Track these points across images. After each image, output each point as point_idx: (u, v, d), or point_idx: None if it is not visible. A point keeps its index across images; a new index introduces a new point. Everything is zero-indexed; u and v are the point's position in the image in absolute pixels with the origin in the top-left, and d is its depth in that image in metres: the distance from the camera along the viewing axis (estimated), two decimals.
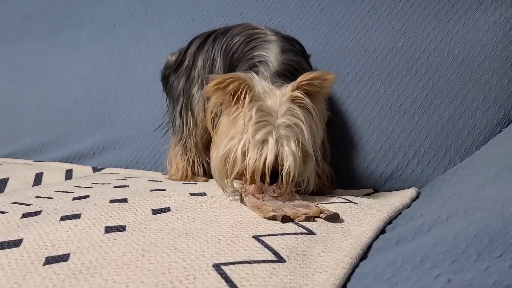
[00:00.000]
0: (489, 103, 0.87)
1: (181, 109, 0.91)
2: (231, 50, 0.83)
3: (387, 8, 0.97)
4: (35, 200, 0.64)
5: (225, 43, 0.85)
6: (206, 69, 0.87)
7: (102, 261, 0.43)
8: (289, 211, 0.58)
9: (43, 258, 0.44)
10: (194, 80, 0.89)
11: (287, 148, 0.63)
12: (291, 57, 0.79)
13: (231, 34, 0.85)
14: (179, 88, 0.91)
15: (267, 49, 0.78)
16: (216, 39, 0.87)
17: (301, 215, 0.56)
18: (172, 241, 0.47)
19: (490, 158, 0.67)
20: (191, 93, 0.90)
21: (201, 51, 0.89)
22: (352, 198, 0.69)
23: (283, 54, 0.78)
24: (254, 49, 0.79)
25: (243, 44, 0.82)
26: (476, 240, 0.35)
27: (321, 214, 0.57)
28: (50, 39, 1.29)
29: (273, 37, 0.82)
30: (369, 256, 0.45)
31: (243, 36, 0.83)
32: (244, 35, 0.83)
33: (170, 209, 0.58)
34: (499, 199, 0.40)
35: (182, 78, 0.91)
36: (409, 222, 0.51)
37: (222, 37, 0.86)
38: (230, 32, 0.86)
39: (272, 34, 0.82)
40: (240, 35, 0.84)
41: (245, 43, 0.82)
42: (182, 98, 0.91)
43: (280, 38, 0.82)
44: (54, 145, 1.17)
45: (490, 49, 0.89)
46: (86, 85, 1.19)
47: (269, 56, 0.77)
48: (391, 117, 0.91)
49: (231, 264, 0.42)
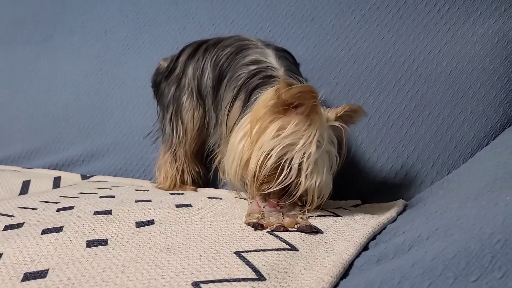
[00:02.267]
0: (477, 116, 0.87)
1: (171, 117, 0.90)
2: (221, 60, 0.83)
3: (377, 19, 0.97)
4: (19, 211, 0.63)
5: (216, 54, 0.84)
6: (195, 78, 0.87)
7: (81, 277, 0.42)
8: (270, 220, 0.60)
9: (22, 274, 0.43)
10: (184, 88, 0.89)
11: (328, 176, 0.65)
12: (289, 64, 0.79)
13: (222, 46, 0.85)
14: (169, 96, 0.91)
15: (267, 55, 0.78)
16: (207, 50, 0.87)
17: (273, 224, 0.58)
18: (153, 256, 0.47)
19: (476, 172, 0.67)
20: (181, 102, 0.89)
21: (192, 60, 0.89)
22: (338, 211, 0.69)
23: (283, 60, 0.78)
24: (247, 56, 0.79)
25: (233, 54, 0.82)
26: (453, 262, 0.35)
27: (296, 225, 0.59)
28: (42, 44, 1.29)
29: (265, 46, 0.82)
30: (350, 275, 0.45)
31: (234, 47, 0.83)
32: (235, 46, 0.83)
33: (154, 222, 0.58)
34: (478, 219, 0.40)
35: (172, 86, 0.91)
36: (392, 239, 0.51)
37: (213, 48, 0.86)
38: (221, 43, 0.86)
39: (263, 45, 0.82)
40: (231, 46, 0.84)
41: (235, 53, 0.82)
42: (172, 106, 0.90)
43: (273, 47, 0.82)
44: (43, 151, 1.16)
45: (478, 62, 0.89)
46: (76, 92, 1.19)
47: (270, 62, 0.77)
48: (380, 128, 0.91)
49: (211, 283, 0.41)
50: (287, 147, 0.62)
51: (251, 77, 0.74)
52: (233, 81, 0.78)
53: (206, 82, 0.85)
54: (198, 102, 0.87)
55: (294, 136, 0.62)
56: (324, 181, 0.64)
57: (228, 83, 0.79)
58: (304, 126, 0.63)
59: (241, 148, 0.66)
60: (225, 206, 0.68)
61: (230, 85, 0.78)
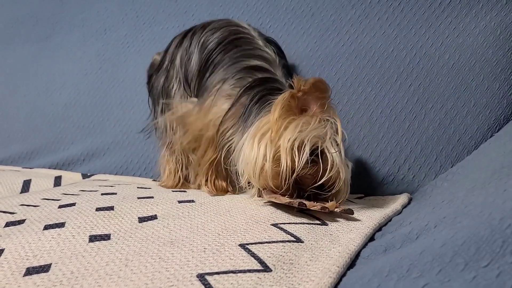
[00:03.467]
0: (480, 108, 0.87)
1: (162, 109, 0.89)
2: (209, 44, 0.82)
3: (377, 13, 0.96)
4: (20, 209, 0.63)
5: (204, 36, 0.83)
6: (183, 66, 0.86)
7: (84, 271, 0.42)
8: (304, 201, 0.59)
9: (24, 269, 0.43)
10: (172, 79, 0.88)
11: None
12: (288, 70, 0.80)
13: (210, 28, 0.84)
14: (159, 88, 0.90)
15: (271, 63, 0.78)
16: (194, 34, 0.86)
17: (316, 205, 0.58)
18: (157, 250, 0.46)
19: (480, 163, 0.66)
20: (170, 93, 0.88)
21: (180, 48, 0.88)
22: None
23: (285, 69, 0.79)
24: (251, 59, 0.78)
25: (226, 42, 0.80)
26: (463, 248, 0.35)
27: (336, 209, 0.59)
28: (41, 43, 1.28)
29: (263, 42, 0.81)
30: (357, 265, 0.45)
31: (226, 32, 0.82)
32: (227, 31, 0.82)
33: (156, 217, 0.58)
34: (487, 206, 0.40)
35: (162, 78, 0.90)
36: (398, 229, 0.51)
37: (200, 31, 0.85)
38: (209, 26, 0.85)
39: (259, 38, 0.82)
40: (221, 30, 0.83)
41: (228, 41, 0.81)
42: (162, 98, 0.89)
43: (271, 46, 0.81)
44: (43, 151, 1.16)
45: (481, 54, 0.89)
46: (76, 91, 1.18)
47: (276, 74, 0.77)
48: (382, 123, 0.90)
49: (216, 274, 0.41)
50: (315, 138, 0.63)
51: (258, 85, 0.73)
52: (232, 79, 0.76)
53: (192, 66, 0.84)
54: (185, 90, 0.86)
55: (319, 130, 0.63)
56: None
57: (222, 75, 0.78)
58: (325, 122, 0.64)
59: (263, 149, 0.65)
60: (228, 201, 0.67)
61: (226, 80, 0.76)
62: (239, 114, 0.72)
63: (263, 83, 0.73)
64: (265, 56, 0.79)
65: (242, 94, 0.73)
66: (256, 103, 0.71)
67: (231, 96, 0.74)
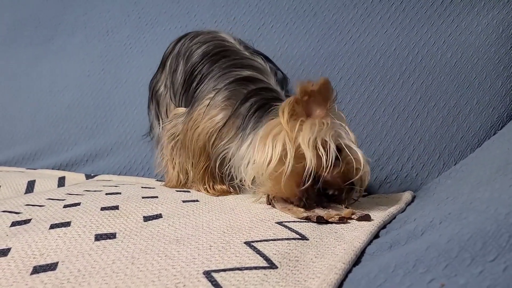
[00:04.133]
0: (483, 106, 0.87)
1: (155, 112, 0.91)
2: (194, 57, 0.83)
3: (379, 12, 0.97)
4: (25, 208, 0.63)
5: (189, 49, 0.85)
6: (170, 73, 0.87)
7: (91, 269, 0.42)
8: (320, 212, 0.59)
9: (31, 267, 0.43)
10: (161, 83, 0.90)
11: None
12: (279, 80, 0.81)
13: (197, 41, 0.85)
14: (152, 91, 0.92)
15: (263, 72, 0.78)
16: (183, 44, 0.87)
17: (334, 216, 0.57)
18: (163, 248, 0.46)
19: (484, 160, 0.66)
20: (159, 97, 0.90)
21: (170, 54, 0.90)
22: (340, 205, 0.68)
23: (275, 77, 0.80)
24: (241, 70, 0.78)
25: (211, 55, 0.81)
26: (469, 243, 0.35)
27: (353, 215, 0.58)
28: (43, 46, 1.28)
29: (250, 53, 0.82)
30: (362, 261, 0.45)
31: (211, 46, 0.83)
32: (212, 45, 0.83)
33: (161, 216, 0.58)
34: (492, 201, 0.40)
35: (154, 81, 0.92)
36: (403, 226, 0.51)
37: (188, 43, 0.86)
38: (196, 38, 0.86)
39: (247, 51, 0.83)
40: (207, 44, 0.83)
41: (214, 54, 0.81)
42: (154, 101, 0.92)
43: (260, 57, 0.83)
44: (47, 152, 1.16)
45: (483, 52, 0.89)
46: (79, 92, 1.19)
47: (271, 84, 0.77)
48: (385, 121, 0.91)
49: (222, 271, 0.41)
50: (335, 136, 0.62)
51: (254, 95, 0.73)
52: (225, 91, 0.75)
53: (178, 77, 0.85)
54: (171, 98, 0.88)
55: (333, 130, 0.63)
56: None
57: (212, 85, 0.78)
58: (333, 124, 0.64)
59: (279, 149, 0.63)
60: (232, 199, 0.68)
61: (219, 91, 0.75)
62: (238, 125, 0.72)
63: (259, 93, 0.73)
64: (256, 66, 0.79)
65: (239, 106, 0.72)
66: (254, 113, 0.71)
67: (226, 108, 0.74)
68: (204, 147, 0.76)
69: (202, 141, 0.75)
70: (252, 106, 0.71)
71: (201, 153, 0.77)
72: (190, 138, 0.76)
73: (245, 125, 0.70)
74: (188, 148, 0.77)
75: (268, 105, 0.70)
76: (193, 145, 0.76)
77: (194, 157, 0.77)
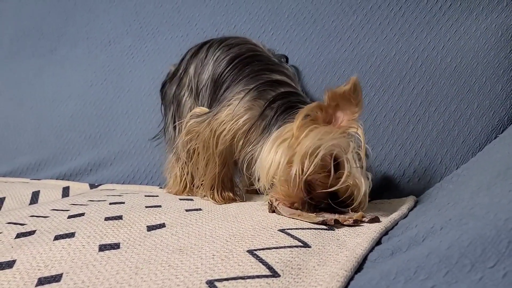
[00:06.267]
0: (484, 110, 0.87)
1: (172, 115, 0.90)
2: (225, 59, 0.82)
3: (379, 17, 0.97)
4: (30, 220, 0.63)
5: (220, 50, 0.84)
6: (196, 76, 0.87)
7: (95, 280, 0.42)
8: (329, 216, 0.60)
9: (36, 279, 0.43)
10: (184, 86, 0.89)
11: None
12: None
13: (227, 44, 0.85)
14: (171, 95, 0.92)
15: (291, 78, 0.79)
16: (210, 47, 0.87)
17: (348, 219, 0.59)
18: (166, 257, 0.47)
19: (485, 165, 0.66)
20: (181, 100, 0.89)
21: (194, 59, 0.89)
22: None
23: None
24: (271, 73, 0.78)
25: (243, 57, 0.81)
26: (469, 249, 0.35)
27: (364, 218, 0.60)
28: (46, 57, 1.30)
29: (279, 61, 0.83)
30: (364, 268, 0.45)
31: (244, 49, 0.83)
32: (245, 48, 0.83)
33: (165, 225, 0.58)
34: (492, 206, 0.40)
35: (174, 85, 0.91)
36: (404, 233, 0.51)
37: (217, 45, 0.86)
38: (226, 41, 0.86)
39: (276, 57, 0.84)
40: (238, 46, 0.84)
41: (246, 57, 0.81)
42: (173, 105, 0.91)
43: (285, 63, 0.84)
44: (51, 162, 1.17)
45: (483, 56, 0.89)
46: (82, 102, 1.20)
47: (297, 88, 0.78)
48: (386, 127, 0.91)
49: (225, 280, 0.41)
50: (333, 146, 0.62)
51: (281, 98, 0.73)
52: (255, 91, 0.75)
53: (204, 77, 0.85)
54: (195, 100, 0.87)
55: (340, 140, 0.63)
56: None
57: (242, 86, 0.77)
58: (349, 136, 0.63)
59: (280, 154, 0.65)
60: (235, 207, 0.68)
61: (249, 91, 0.75)
62: (263, 126, 0.72)
63: (286, 96, 0.74)
64: (285, 72, 0.80)
65: (266, 107, 0.73)
66: (279, 115, 0.71)
67: (252, 108, 0.74)
68: (220, 152, 0.75)
69: (224, 144, 0.75)
70: (279, 108, 0.72)
71: (220, 156, 0.76)
72: (214, 140, 0.75)
73: (270, 128, 0.71)
74: (206, 150, 0.76)
75: (294, 108, 0.70)
76: (215, 146, 0.75)
77: (211, 159, 0.76)
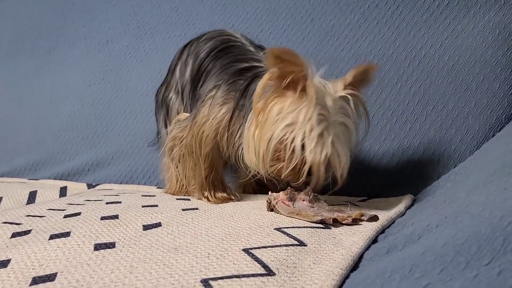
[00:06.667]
0: (481, 108, 0.87)
1: (164, 119, 0.90)
2: (201, 53, 0.82)
3: (376, 16, 0.97)
4: (26, 219, 0.63)
5: (197, 47, 0.85)
6: (181, 77, 0.87)
7: (89, 279, 0.42)
8: (328, 215, 0.60)
9: (30, 278, 0.43)
10: (172, 88, 0.89)
11: (341, 148, 0.62)
12: None
13: (204, 39, 0.85)
14: (161, 98, 0.92)
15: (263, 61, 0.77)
16: (191, 46, 0.87)
17: (347, 218, 0.58)
18: (161, 256, 0.47)
19: (482, 163, 0.66)
20: (169, 103, 0.89)
21: (179, 60, 0.89)
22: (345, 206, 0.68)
23: None
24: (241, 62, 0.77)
25: (217, 50, 0.81)
26: (464, 247, 0.35)
27: (363, 217, 0.60)
28: (44, 57, 1.30)
29: (254, 47, 0.82)
30: (360, 267, 0.45)
31: (217, 42, 0.83)
32: (218, 40, 0.83)
33: (161, 224, 0.58)
34: (487, 204, 0.40)
35: (163, 89, 0.92)
36: (401, 231, 0.51)
37: (196, 43, 0.86)
38: (203, 37, 0.86)
39: (252, 45, 0.82)
40: (213, 39, 0.83)
41: (219, 49, 0.81)
42: (162, 107, 0.91)
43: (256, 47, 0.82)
44: (49, 162, 1.17)
45: (480, 54, 0.89)
46: (80, 102, 1.20)
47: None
48: (384, 125, 0.91)
49: (220, 279, 0.41)
50: (286, 128, 0.61)
51: (252, 82, 0.72)
52: (225, 85, 0.75)
53: (186, 76, 0.85)
54: (181, 101, 0.87)
55: (292, 115, 0.61)
56: (336, 154, 0.61)
57: (214, 82, 0.77)
58: (301, 104, 0.61)
59: (253, 138, 0.65)
60: (231, 206, 0.68)
61: (219, 86, 0.75)
62: (242, 116, 0.71)
63: (256, 78, 0.72)
64: (256, 58, 0.78)
65: (240, 97, 0.72)
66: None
67: (227, 102, 0.73)
68: (209, 153, 0.75)
69: (210, 144, 0.74)
70: (252, 93, 0.69)
71: (205, 160, 0.76)
72: (197, 143, 0.75)
73: (248, 114, 0.69)
74: (194, 153, 0.76)
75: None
76: (199, 151, 0.75)
77: (198, 164, 0.76)
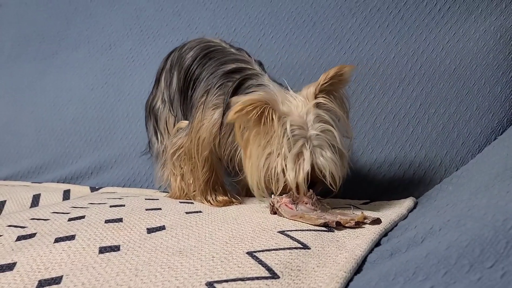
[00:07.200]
0: (483, 112, 0.87)
1: (153, 126, 0.92)
2: (185, 63, 0.84)
3: (378, 20, 0.98)
4: (31, 223, 0.64)
5: (180, 58, 0.86)
6: (166, 87, 0.89)
7: (95, 282, 0.42)
8: (331, 218, 0.60)
9: (36, 282, 0.43)
10: (157, 99, 0.91)
11: (322, 157, 0.64)
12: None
13: (185, 49, 0.86)
14: (149, 107, 0.94)
15: (248, 62, 0.79)
16: (175, 57, 0.88)
17: (350, 221, 0.59)
18: (166, 259, 0.47)
19: (484, 166, 0.67)
20: (157, 113, 0.91)
21: (163, 70, 0.91)
22: (348, 209, 0.68)
23: (260, 66, 0.80)
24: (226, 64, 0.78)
25: (200, 58, 0.82)
26: (468, 250, 0.35)
27: (366, 220, 0.60)
28: (47, 61, 1.30)
29: (236, 49, 0.83)
30: (364, 270, 0.45)
31: (199, 50, 0.84)
32: (199, 48, 0.84)
33: (165, 228, 0.58)
34: (490, 208, 0.40)
35: (150, 98, 0.94)
36: (404, 234, 0.51)
37: (177, 53, 0.88)
38: (185, 47, 0.87)
39: (233, 48, 0.84)
40: (194, 49, 0.85)
41: (202, 56, 0.82)
42: (151, 117, 0.93)
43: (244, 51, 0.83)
44: (52, 166, 1.17)
45: (482, 58, 0.89)
46: (83, 105, 1.20)
47: (255, 68, 0.77)
48: (386, 129, 0.91)
49: (224, 282, 0.41)
50: (268, 158, 0.64)
51: (241, 85, 0.73)
52: (214, 89, 0.76)
53: (173, 86, 0.86)
54: (170, 110, 0.89)
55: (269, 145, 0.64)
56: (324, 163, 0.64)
57: (204, 87, 0.78)
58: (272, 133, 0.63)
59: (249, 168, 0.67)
60: (234, 209, 0.68)
61: (209, 91, 0.76)
62: None
63: (243, 82, 0.73)
64: (240, 59, 0.80)
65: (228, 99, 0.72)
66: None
67: (218, 105, 0.74)
68: (208, 157, 0.76)
69: (208, 148, 0.75)
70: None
71: (205, 164, 0.77)
72: (195, 148, 0.76)
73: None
74: (194, 158, 0.77)
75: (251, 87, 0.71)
76: (198, 156, 0.76)
77: (197, 168, 0.77)
